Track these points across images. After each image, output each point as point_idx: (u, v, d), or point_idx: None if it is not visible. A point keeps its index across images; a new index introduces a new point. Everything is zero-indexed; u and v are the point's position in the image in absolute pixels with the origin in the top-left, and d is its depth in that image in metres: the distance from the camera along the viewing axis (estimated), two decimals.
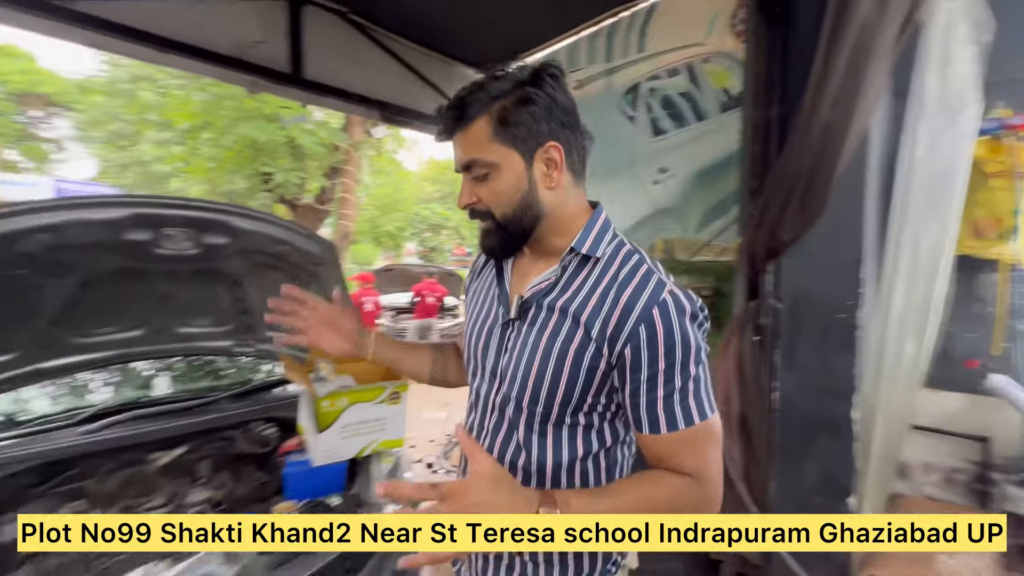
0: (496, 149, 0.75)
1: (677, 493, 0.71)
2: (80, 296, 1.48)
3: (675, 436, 0.71)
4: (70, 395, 1.95)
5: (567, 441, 0.79)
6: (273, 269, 1.79)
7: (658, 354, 0.70)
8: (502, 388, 0.82)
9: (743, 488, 1.77)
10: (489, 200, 0.78)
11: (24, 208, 1.25)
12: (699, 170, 2.71)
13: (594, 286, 0.76)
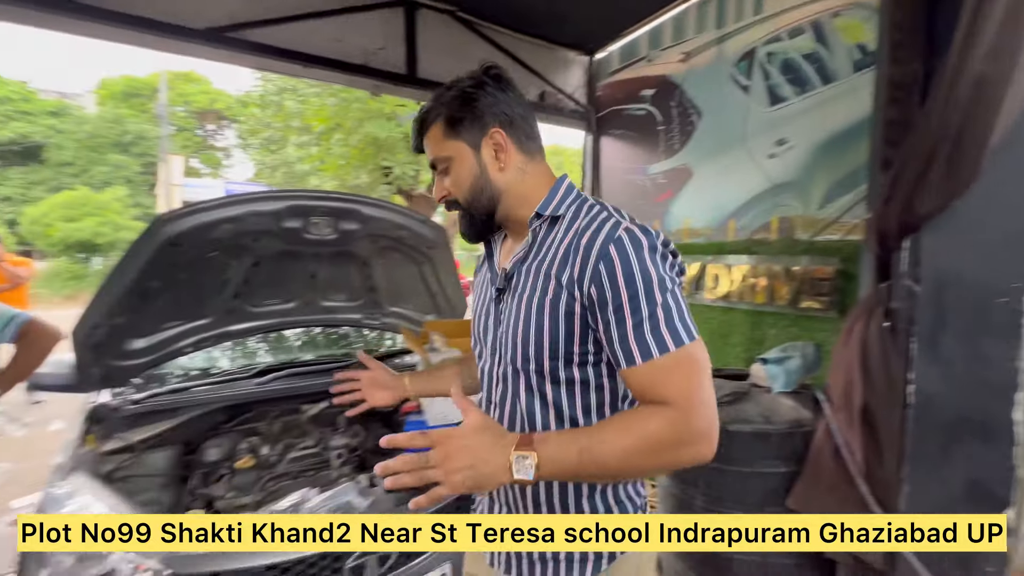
0: (449, 145, 0.85)
1: (657, 424, 0.69)
2: (252, 274, 1.84)
3: (651, 366, 0.71)
4: (244, 355, 2.42)
5: (566, 400, 0.81)
6: (394, 251, 2.03)
7: (619, 286, 0.72)
8: (502, 358, 0.87)
9: (864, 486, 1.63)
10: (453, 189, 0.87)
11: (213, 204, 1.59)
12: (824, 140, 2.45)
13: (560, 241, 0.81)
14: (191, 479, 1.72)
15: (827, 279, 2.40)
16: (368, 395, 1.11)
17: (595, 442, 0.69)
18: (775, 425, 1.89)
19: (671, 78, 3.15)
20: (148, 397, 1.79)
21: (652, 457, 0.69)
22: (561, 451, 0.69)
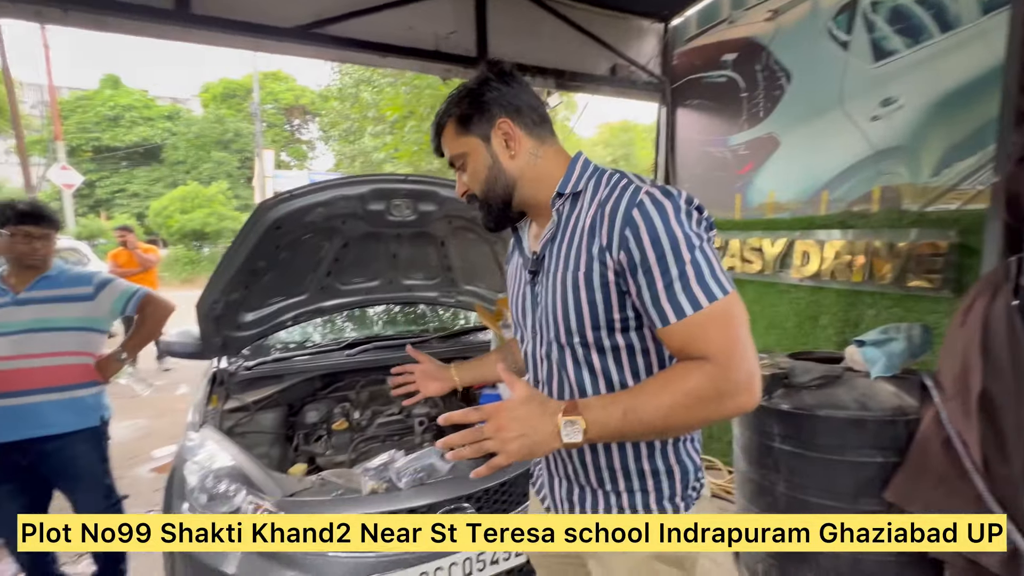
0: (461, 142, 0.89)
1: (697, 379, 0.71)
2: (342, 254, 1.99)
3: (686, 323, 0.72)
4: (334, 329, 2.64)
5: (615, 368, 0.84)
6: (468, 231, 2.10)
7: (646, 249, 0.74)
8: (544, 337, 0.90)
9: (981, 482, 1.47)
10: (470, 183, 0.91)
11: (307, 189, 1.73)
12: (941, 97, 2.16)
13: (585, 214, 0.83)
14: (295, 438, 1.93)
15: (940, 254, 2.15)
16: (422, 386, 1.18)
17: (638, 402, 0.72)
18: (872, 412, 1.75)
19: (756, 39, 2.91)
20: (258, 364, 2.02)
21: (694, 411, 0.71)
22: (605, 413, 0.72)
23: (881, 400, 1.77)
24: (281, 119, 24.48)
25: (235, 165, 21.91)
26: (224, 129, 21.75)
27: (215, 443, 1.53)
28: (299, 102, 24.02)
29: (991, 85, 2.00)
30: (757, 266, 2.90)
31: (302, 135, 25.78)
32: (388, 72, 11.52)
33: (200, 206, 16.82)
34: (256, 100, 16.91)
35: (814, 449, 1.81)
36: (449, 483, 1.48)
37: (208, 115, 22.43)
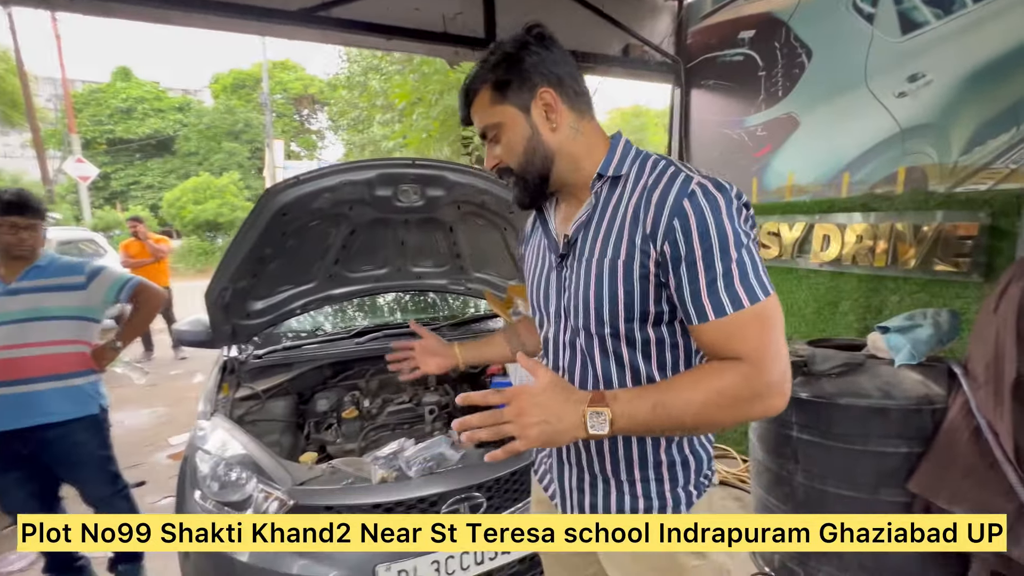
0: (497, 111, 0.81)
1: (732, 379, 0.69)
2: (350, 241, 1.97)
3: (724, 322, 0.70)
4: (344, 317, 2.63)
5: (642, 360, 0.81)
6: (478, 217, 2.06)
7: (693, 242, 0.71)
8: (569, 324, 0.86)
9: (1013, 473, 1.41)
10: (504, 155, 0.84)
11: (313, 175, 1.70)
12: (973, 71, 2.05)
13: (628, 200, 0.78)
14: (306, 426, 1.92)
15: (969, 237, 2.05)
16: (422, 362, 1.16)
17: (668, 397, 0.70)
18: (896, 400, 1.69)
19: (775, 15, 2.80)
20: (268, 352, 2.02)
21: (726, 411, 0.70)
22: (634, 406, 0.70)
23: (906, 388, 1.71)
24: (290, 109, 24.51)
25: (246, 156, 22.02)
26: (234, 120, 21.83)
27: (226, 431, 1.53)
28: (308, 91, 24.01)
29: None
30: (774, 251, 2.82)
31: (311, 125, 25.81)
32: (396, 59, 11.41)
33: (212, 197, 16.97)
34: (265, 90, 16.92)
35: (834, 438, 1.76)
36: (459, 472, 1.46)
37: (218, 106, 22.53)
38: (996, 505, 1.46)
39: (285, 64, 24.34)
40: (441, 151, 5.80)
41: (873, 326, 2.46)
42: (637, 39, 3.20)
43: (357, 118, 14.95)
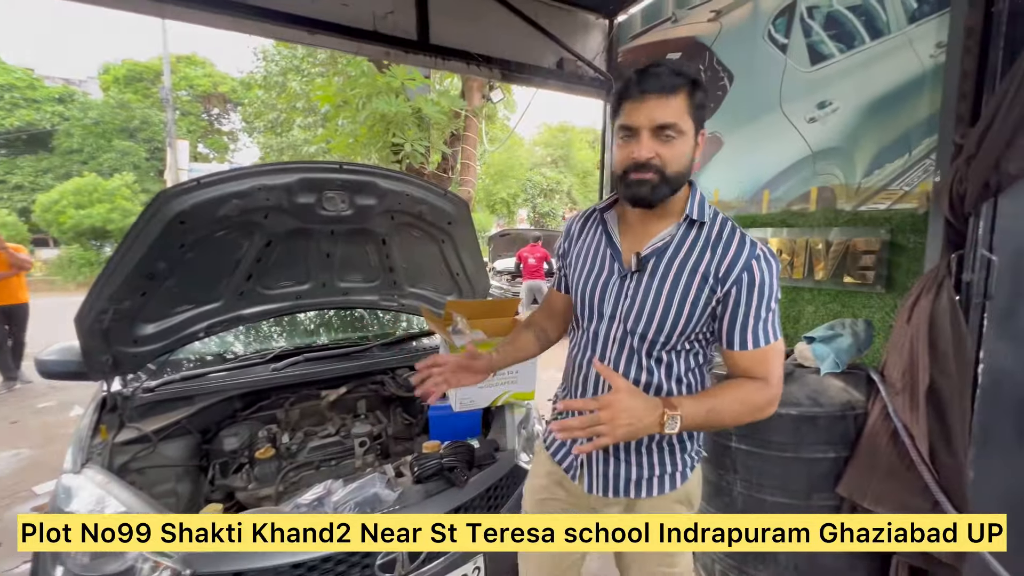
0: (688, 121, 0.93)
1: (761, 395, 0.95)
2: (265, 254, 1.73)
3: (756, 352, 0.96)
4: (259, 339, 2.33)
5: (676, 362, 1.03)
6: (413, 228, 1.91)
7: (754, 293, 0.95)
8: (624, 326, 1.03)
9: (928, 473, 1.51)
10: (668, 158, 0.93)
11: (219, 178, 1.47)
12: (872, 101, 2.25)
13: (704, 244, 0.98)
14: (210, 470, 1.65)
15: (872, 252, 2.24)
16: (454, 380, 1.11)
17: (718, 403, 0.93)
18: (824, 408, 1.76)
19: (700, 39, 2.94)
20: (162, 384, 1.71)
21: (750, 415, 0.95)
22: (695, 410, 0.91)
23: (831, 396, 1.80)
24: (197, 107, 22.47)
25: (143, 156, 19.78)
26: (129, 116, 19.57)
27: (99, 487, 1.24)
28: (218, 90, 22.18)
29: (916, 91, 2.11)
30: None
31: (222, 126, 23.84)
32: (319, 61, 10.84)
33: (100, 200, 15.01)
34: (167, 84, 15.33)
35: (770, 447, 1.81)
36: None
37: (109, 99, 20.06)
38: (915, 504, 1.56)
39: (191, 59, 22.33)
40: (369, 158, 5.53)
41: (794, 335, 2.62)
42: (571, 53, 3.22)
43: (275, 120, 14.00)
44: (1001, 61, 1.34)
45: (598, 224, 1.11)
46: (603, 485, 1.08)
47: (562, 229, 1.23)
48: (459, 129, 5.99)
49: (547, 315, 1.28)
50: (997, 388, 1.48)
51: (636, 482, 1.06)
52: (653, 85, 0.91)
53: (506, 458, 1.58)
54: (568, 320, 1.24)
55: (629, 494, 1.07)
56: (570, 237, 1.17)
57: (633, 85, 0.92)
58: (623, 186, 0.97)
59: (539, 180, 21.59)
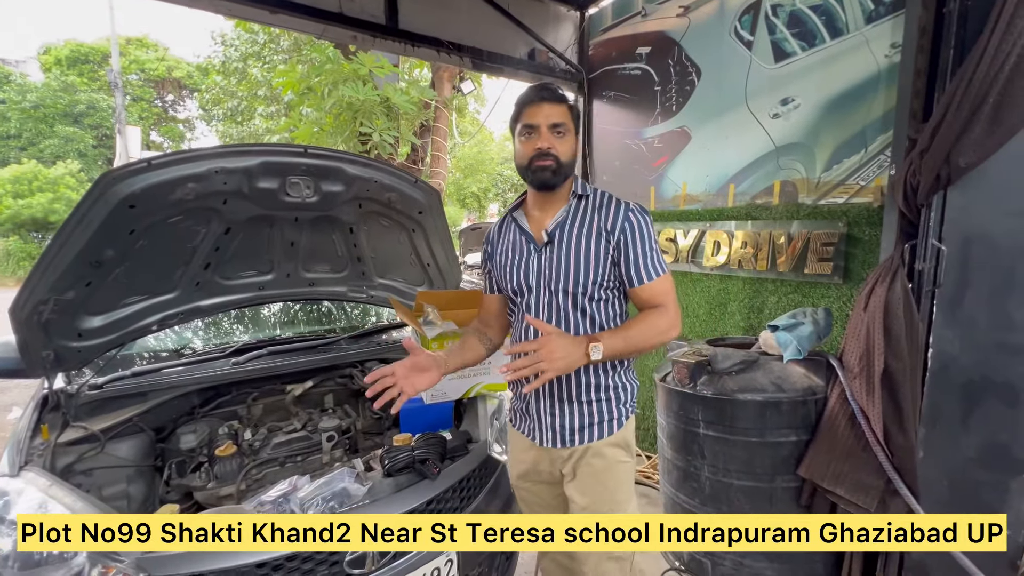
0: (571, 124, 1.23)
1: (664, 320, 1.19)
2: (223, 242, 1.64)
3: (651, 284, 1.21)
4: (218, 333, 2.23)
5: (597, 313, 1.25)
6: (382, 216, 1.85)
7: (637, 237, 1.21)
8: (548, 290, 1.25)
9: (881, 452, 1.58)
10: (560, 149, 1.20)
11: (172, 159, 1.38)
12: (832, 98, 2.34)
13: (593, 209, 1.24)
14: (165, 469, 1.56)
15: (831, 244, 2.34)
16: (408, 385, 1.15)
17: (632, 333, 1.17)
18: (787, 393, 1.82)
19: (669, 34, 2.98)
20: (111, 381, 1.61)
21: (658, 338, 1.18)
22: (613, 340, 1.13)
23: (794, 381, 1.86)
24: (150, 93, 21.28)
25: (90, 143, 18.60)
26: (73, 100, 18.34)
27: (41, 491, 1.15)
28: (172, 75, 21.07)
29: (872, 90, 2.20)
30: (671, 257, 2.98)
31: (177, 113, 22.68)
32: (281, 48, 10.43)
33: (41, 190, 14.04)
34: (115, 66, 14.44)
35: (736, 433, 1.86)
36: (365, 509, 1.26)
37: (51, 82, 18.74)
38: (869, 482, 1.63)
39: (143, 42, 21.10)
40: (335, 146, 5.37)
41: (757, 324, 2.70)
42: (542, 44, 3.21)
43: (235, 108, 13.42)
44: (952, 60, 1.40)
45: (510, 222, 1.34)
46: (552, 437, 1.27)
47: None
48: (429, 120, 5.89)
49: (484, 320, 1.46)
50: (945, 372, 1.56)
51: (579, 430, 1.25)
52: (548, 95, 1.20)
53: (479, 449, 1.56)
54: (505, 320, 1.44)
55: (575, 442, 1.25)
56: (491, 242, 1.41)
57: (533, 93, 1.21)
58: (529, 173, 1.21)
59: (510, 175, 21.54)
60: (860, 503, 1.61)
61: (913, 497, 1.54)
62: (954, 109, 1.24)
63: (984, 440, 1.51)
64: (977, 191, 1.44)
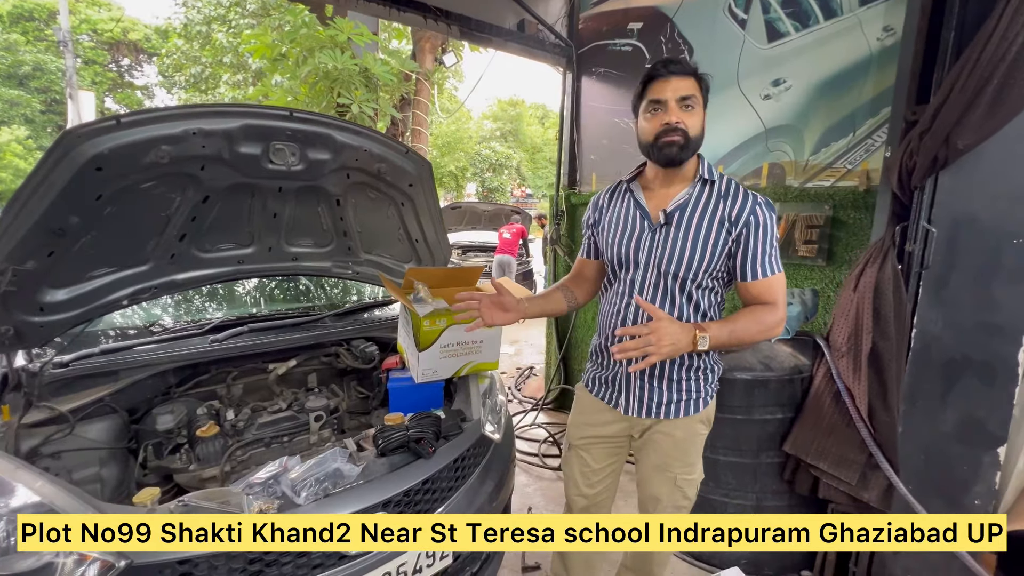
0: (700, 98, 1.18)
1: (772, 317, 1.19)
2: (201, 211, 1.53)
3: (764, 281, 1.19)
4: (194, 307, 2.11)
5: (702, 299, 1.25)
6: (371, 188, 1.77)
7: (759, 232, 1.18)
8: (657, 270, 1.25)
9: (864, 429, 1.63)
10: (689, 123, 1.16)
11: (144, 117, 1.26)
12: (823, 80, 2.34)
13: (718, 197, 1.21)
14: (141, 452, 1.48)
15: (817, 227, 2.37)
16: (488, 315, 1.26)
17: (738, 326, 1.17)
18: (775, 372, 1.86)
19: (661, 10, 2.92)
20: (78, 359, 1.50)
21: (764, 334, 1.19)
22: (720, 331, 1.14)
23: (781, 361, 1.89)
24: (104, 56, 19.89)
25: (38, 108, 17.33)
26: (17, 60, 16.98)
27: (4, 475, 1.06)
28: (128, 37, 19.73)
29: (863, 73, 2.21)
30: None
31: (134, 79, 21.32)
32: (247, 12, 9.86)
33: None
34: (65, 26, 13.39)
35: (723, 411, 1.88)
36: (361, 489, 1.22)
37: None
38: (852, 457, 1.68)
39: (95, 0, 19.62)
40: None
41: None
42: (531, 15, 3.10)
43: (199, 75, 12.70)
44: (952, 42, 1.40)
45: (625, 192, 1.33)
46: (638, 407, 1.32)
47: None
48: (410, 92, 5.68)
49: (576, 280, 1.48)
50: (927, 351, 1.61)
51: (667, 404, 1.30)
52: (675, 68, 1.16)
53: (472, 428, 1.54)
54: (596, 286, 1.47)
55: (660, 415, 1.30)
56: (599, 208, 1.40)
57: (660, 67, 1.17)
58: (655, 150, 1.18)
59: (488, 154, 21.24)
60: (842, 477, 1.67)
61: (894, 471, 1.60)
62: (958, 90, 1.24)
63: (961, 416, 1.57)
64: (968, 174, 1.47)
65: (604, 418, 1.41)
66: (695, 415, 1.30)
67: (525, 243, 8.08)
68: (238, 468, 1.46)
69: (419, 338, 1.66)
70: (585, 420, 1.45)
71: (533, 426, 3.41)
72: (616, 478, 1.51)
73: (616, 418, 1.38)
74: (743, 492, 1.93)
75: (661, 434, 1.33)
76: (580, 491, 1.48)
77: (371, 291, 2.56)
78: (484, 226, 9.63)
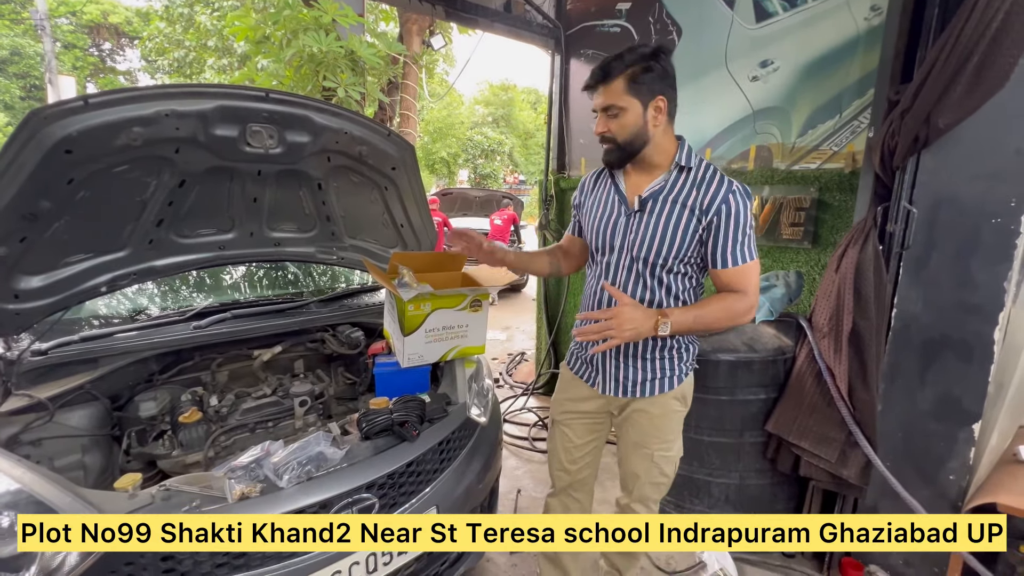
0: (625, 99, 1.17)
1: (740, 304, 1.19)
2: (178, 196, 1.50)
3: (736, 269, 1.20)
4: (176, 294, 2.09)
5: (673, 283, 1.28)
6: (353, 172, 1.74)
7: (731, 221, 1.18)
8: (630, 254, 1.28)
9: (844, 408, 1.66)
10: (616, 131, 1.20)
11: (115, 98, 1.22)
12: (810, 61, 2.33)
13: (692, 184, 1.22)
14: (124, 438, 1.47)
15: (803, 209, 2.38)
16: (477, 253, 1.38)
17: (703, 312, 1.19)
18: (759, 353, 1.87)
19: None
20: (57, 347, 1.48)
21: (729, 320, 1.21)
22: (683, 318, 1.17)
23: (765, 342, 1.91)
24: (85, 40, 19.37)
25: (17, 94, 16.92)
26: None
27: None
28: (108, 20, 19.20)
29: (850, 54, 2.20)
30: None
31: (116, 63, 20.80)
32: None
33: None
34: (42, 9, 12.99)
35: (708, 392, 1.91)
36: (344, 472, 1.22)
37: None
38: (832, 435, 1.71)
39: None
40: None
41: None
42: None
43: (182, 59, 12.41)
44: (935, 19, 1.39)
45: (607, 177, 1.36)
46: (614, 386, 1.35)
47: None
48: (397, 76, 5.59)
49: (563, 251, 1.54)
50: (907, 331, 1.63)
51: (641, 383, 1.33)
52: (592, 80, 1.20)
53: (458, 411, 1.54)
54: (580, 261, 1.53)
55: (635, 393, 1.33)
56: (584, 190, 1.44)
57: (588, 79, 1.21)
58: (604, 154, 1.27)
59: (480, 140, 21.02)
60: (823, 455, 1.70)
61: (872, 447, 1.63)
62: (939, 68, 1.24)
63: (938, 394, 1.60)
64: (948, 154, 1.47)
65: (583, 394, 1.44)
66: (669, 392, 1.33)
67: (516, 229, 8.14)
68: (222, 454, 1.46)
69: (404, 323, 1.66)
70: (566, 396, 1.50)
71: (524, 410, 3.43)
72: (597, 456, 1.54)
73: (594, 395, 1.42)
74: (726, 471, 1.96)
75: (638, 412, 1.36)
76: (563, 466, 1.52)
77: (359, 277, 2.54)
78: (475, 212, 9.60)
